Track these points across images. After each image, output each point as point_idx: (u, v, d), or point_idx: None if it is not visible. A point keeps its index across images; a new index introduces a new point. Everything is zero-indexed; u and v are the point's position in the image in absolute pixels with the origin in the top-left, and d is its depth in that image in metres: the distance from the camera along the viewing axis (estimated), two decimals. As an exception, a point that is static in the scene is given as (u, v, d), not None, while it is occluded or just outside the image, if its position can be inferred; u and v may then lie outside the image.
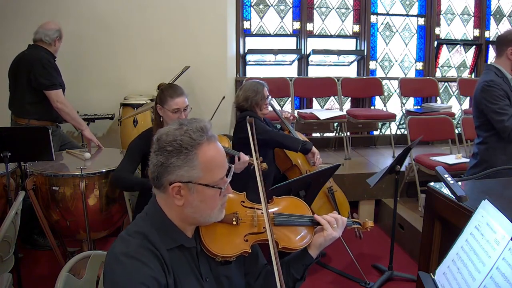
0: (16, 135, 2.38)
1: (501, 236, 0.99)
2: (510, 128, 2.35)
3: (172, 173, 1.08)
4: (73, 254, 2.67)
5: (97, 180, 2.50)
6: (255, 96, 2.82)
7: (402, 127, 4.87)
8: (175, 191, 1.09)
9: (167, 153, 1.08)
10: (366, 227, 1.43)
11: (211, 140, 1.12)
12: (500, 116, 2.38)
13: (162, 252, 1.09)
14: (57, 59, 3.14)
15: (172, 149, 1.08)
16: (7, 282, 1.98)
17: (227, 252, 1.18)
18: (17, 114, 3.06)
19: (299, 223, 1.32)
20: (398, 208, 2.97)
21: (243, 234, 1.23)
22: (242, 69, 4.66)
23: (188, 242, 1.16)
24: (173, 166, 1.08)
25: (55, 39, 3.06)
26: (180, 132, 1.09)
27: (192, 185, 1.09)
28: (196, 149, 1.08)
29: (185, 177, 1.08)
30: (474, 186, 1.65)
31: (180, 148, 1.07)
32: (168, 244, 1.12)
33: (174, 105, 2.23)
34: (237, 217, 1.24)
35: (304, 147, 2.74)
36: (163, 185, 1.11)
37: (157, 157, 1.10)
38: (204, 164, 1.09)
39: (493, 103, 2.40)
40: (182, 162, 1.08)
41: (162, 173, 1.09)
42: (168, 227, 1.14)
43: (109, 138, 4.08)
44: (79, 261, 1.37)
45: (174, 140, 1.08)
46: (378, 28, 4.95)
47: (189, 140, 1.08)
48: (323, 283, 2.83)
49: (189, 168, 1.08)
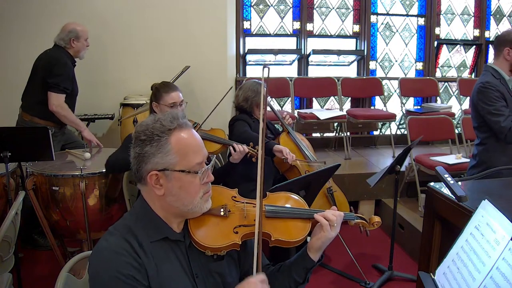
0: (16, 135, 2.38)
1: (501, 236, 0.99)
2: (507, 129, 2.35)
3: (148, 162, 1.11)
4: (73, 254, 2.67)
5: (97, 180, 2.50)
6: (255, 97, 2.82)
7: (402, 127, 4.87)
8: (153, 180, 1.11)
9: (141, 142, 1.12)
10: (373, 222, 1.37)
11: (183, 126, 1.14)
12: (496, 117, 2.38)
13: (144, 245, 1.10)
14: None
15: (145, 137, 1.12)
16: (7, 282, 1.98)
17: (215, 244, 1.16)
18: (24, 108, 3.09)
19: (294, 216, 1.27)
20: (398, 208, 2.97)
21: (233, 226, 1.21)
22: (242, 69, 4.66)
23: (174, 235, 1.16)
24: (148, 154, 1.11)
25: (69, 41, 3.06)
26: (152, 121, 1.14)
27: (169, 172, 1.11)
28: (167, 135, 1.11)
29: (160, 164, 1.11)
30: (474, 186, 1.65)
31: (152, 136, 1.11)
32: (152, 237, 1.12)
33: (170, 100, 2.28)
34: (225, 208, 1.23)
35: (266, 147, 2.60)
36: (143, 177, 1.13)
37: (134, 149, 1.14)
38: (177, 149, 1.11)
39: (489, 105, 2.39)
40: (156, 149, 1.11)
41: (140, 164, 1.13)
42: (152, 220, 1.15)
43: (109, 138, 4.08)
44: (79, 261, 1.37)
45: (146, 129, 1.12)
46: (378, 28, 4.95)
47: (160, 127, 1.12)
48: (323, 283, 2.82)
49: (163, 154, 1.10)
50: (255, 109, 2.86)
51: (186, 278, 1.15)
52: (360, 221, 1.37)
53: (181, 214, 1.17)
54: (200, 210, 1.17)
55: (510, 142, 2.39)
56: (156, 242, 1.13)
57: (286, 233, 1.24)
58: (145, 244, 1.10)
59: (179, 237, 1.17)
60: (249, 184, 2.50)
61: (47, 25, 3.75)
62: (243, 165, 2.77)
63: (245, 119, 2.82)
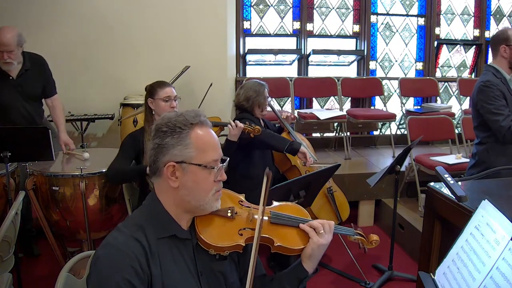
0: (16, 135, 2.37)
1: (501, 236, 0.99)
2: (506, 129, 2.34)
3: (166, 154, 1.13)
4: (73, 254, 2.67)
5: (97, 180, 2.50)
6: (256, 97, 2.82)
7: (402, 127, 4.87)
8: (170, 171, 1.13)
9: (163, 134, 1.15)
10: (371, 241, 1.38)
11: (204, 124, 1.18)
12: (495, 116, 2.38)
13: (151, 242, 1.11)
14: (58, 59, 3.15)
15: (167, 129, 1.14)
16: (7, 282, 1.98)
17: (220, 243, 1.17)
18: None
19: (297, 225, 1.29)
20: (398, 208, 2.97)
21: (238, 228, 1.23)
22: (242, 69, 4.66)
23: (182, 233, 1.17)
24: (167, 146, 1.13)
25: None
26: (176, 115, 1.17)
27: (186, 165, 1.13)
28: (189, 129, 1.14)
29: (179, 156, 1.13)
30: (474, 186, 1.65)
31: (174, 128, 1.14)
32: (160, 234, 1.13)
33: (164, 94, 2.36)
34: (232, 210, 1.24)
35: (292, 147, 2.68)
36: (159, 168, 1.15)
37: (153, 140, 1.17)
38: (197, 143, 1.14)
39: (489, 103, 2.40)
40: (176, 141, 1.13)
41: (157, 154, 1.15)
42: (162, 217, 1.16)
43: (109, 138, 4.09)
44: (79, 261, 1.37)
45: (169, 121, 1.15)
46: (378, 28, 4.95)
47: (183, 120, 1.15)
48: (323, 283, 2.83)
49: (182, 147, 1.13)
50: (255, 108, 2.86)
51: (190, 276, 1.16)
52: (359, 238, 1.40)
53: (191, 210, 1.18)
54: (210, 207, 1.18)
55: (508, 142, 2.39)
56: (163, 239, 1.13)
57: (289, 240, 1.25)
58: (152, 240, 1.11)
59: (186, 235, 1.18)
60: (249, 183, 2.51)
61: (47, 25, 3.77)
62: (243, 165, 2.78)
63: (249, 118, 2.82)
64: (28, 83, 2.86)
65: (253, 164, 2.79)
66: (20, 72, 2.83)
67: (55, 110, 3.02)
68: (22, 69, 2.83)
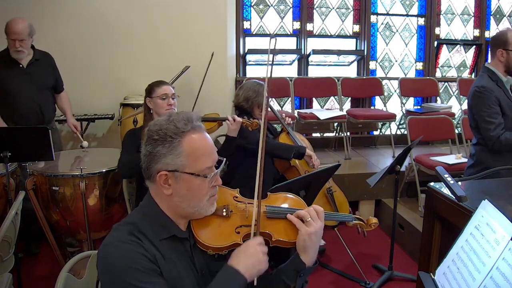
0: (16, 135, 2.38)
1: (501, 236, 0.99)
2: (495, 138, 2.34)
3: (158, 162, 1.12)
4: (73, 254, 2.67)
5: (97, 180, 2.50)
6: (256, 97, 2.82)
7: (402, 127, 4.87)
8: (162, 179, 1.12)
9: (154, 142, 1.12)
10: (370, 224, 1.39)
11: (197, 129, 1.15)
12: (487, 124, 2.37)
13: (154, 242, 1.11)
14: (58, 59, 3.16)
15: (158, 137, 1.12)
16: (7, 282, 1.98)
17: (218, 243, 1.17)
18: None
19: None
20: (398, 208, 2.97)
21: (234, 226, 1.22)
22: (242, 69, 4.66)
23: (181, 233, 1.17)
24: (159, 154, 1.11)
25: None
26: (166, 122, 1.14)
27: (178, 173, 1.12)
28: (180, 137, 1.12)
29: (171, 166, 1.11)
30: (474, 186, 1.65)
31: (165, 137, 1.11)
32: (160, 235, 1.13)
33: (161, 92, 2.39)
34: (227, 208, 1.23)
35: (298, 152, 2.71)
36: (152, 175, 1.14)
37: (146, 147, 1.15)
38: (189, 152, 1.12)
39: (483, 110, 2.38)
40: (167, 150, 1.11)
41: (150, 162, 1.13)
42: (160, 218, 1.15)
43: (109, 138, 4.09)
44: (79, 261, 1.38)
45: (160, 129, 1.13)
46: (378, 28, 4.95)
47: (174, 129, 1.12)
48: (323, 283, 2.83)
49: (174, 156, 1.11)
50: (255, 109, 2.86)
51: (192, 275, 1.16)
52: (358, 222, 1.40)
53: (186, 215, 1.18)
54: (205, 212, 1.18)
55: (497, 151, 2.39)
56: (164, 240, 1.13)
57: (287, 234, 1.23)
58: (155, 241, 1.11)
59: (185, 235, 1.18)
60: (251, 184, 2.51)
61: (47, 25, 3.76)
62: (243, 165, 2.77)
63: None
64: (38, 72, 3.02)
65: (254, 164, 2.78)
66: (30, 62, 3.00)
67: (61, 99, 3.25)
68: (33, 58, 3.01)
